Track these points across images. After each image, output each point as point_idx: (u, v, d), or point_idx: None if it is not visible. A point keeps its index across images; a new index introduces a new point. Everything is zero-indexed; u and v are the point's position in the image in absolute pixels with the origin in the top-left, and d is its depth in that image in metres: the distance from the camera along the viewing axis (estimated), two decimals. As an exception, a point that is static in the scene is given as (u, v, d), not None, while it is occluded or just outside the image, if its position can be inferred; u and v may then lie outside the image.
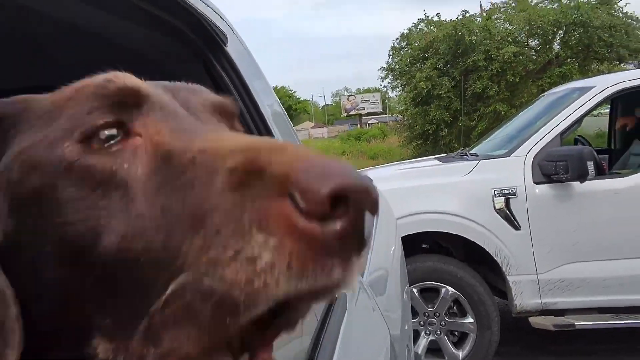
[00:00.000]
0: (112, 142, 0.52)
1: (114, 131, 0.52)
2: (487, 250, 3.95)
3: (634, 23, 17.01)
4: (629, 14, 17.16)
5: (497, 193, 3.97)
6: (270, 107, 1.56)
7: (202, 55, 1.31)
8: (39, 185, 0.51)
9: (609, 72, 13.10)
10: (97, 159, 0.51)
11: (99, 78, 0.56)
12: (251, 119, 1.36)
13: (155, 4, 1.09)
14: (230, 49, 1.36)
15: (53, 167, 0.51)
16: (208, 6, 1.31)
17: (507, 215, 3.94)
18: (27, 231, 0.52)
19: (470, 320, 4.01)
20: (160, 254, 0.46)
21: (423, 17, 18.55)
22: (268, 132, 1.40)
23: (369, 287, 1.97)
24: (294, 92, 72.95)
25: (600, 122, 7.78)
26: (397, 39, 19.20)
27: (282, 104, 1.85)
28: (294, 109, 68.09)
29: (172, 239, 0.46)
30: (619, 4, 17.46)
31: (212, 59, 1.31)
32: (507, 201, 3.95)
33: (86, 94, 0.54)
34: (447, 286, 4.02)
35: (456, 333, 4.12)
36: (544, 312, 3.98)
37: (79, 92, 0.55)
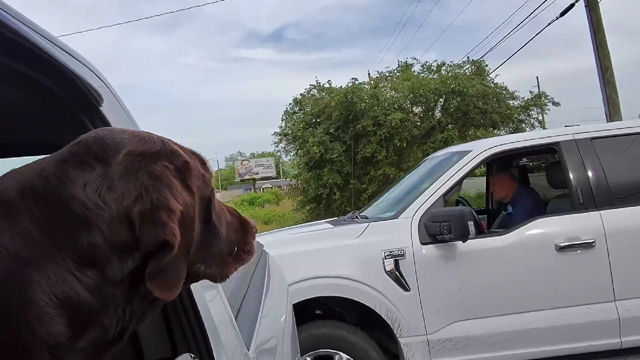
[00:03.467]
0: None
1: None
2: (379, 313, 3.96)
3: (504, 92, 18.72)
4: (499, 85, 18.91)
5: (387, 255, 4.02)
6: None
7: (75, 116, 1.20)
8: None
9: (484, 138, 14.14)
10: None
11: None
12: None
13: (21, 60, 1.00)
14: (106, 109, 1.25)
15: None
16: (81, 62, 1.20)
17: (397, 276, 3.99)
18: None
19: (364, 385, 3.95)
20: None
21: (315, 83, 19.20)
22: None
23: (257, 359, 1.87)
24: (186, 156, 71.26)
25: (480, 184, 8.31)
26: (290, 104, 19.64)
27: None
28: (186, 173, 66.22)
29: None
30: (490, 75, 19.22)
31: (85, 121, 1.20)
32: (396, 263, 4.01)
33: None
34: (341, 353, 3.94)
35: (350, 400, 4.03)
36: (435, 372, 4.01)
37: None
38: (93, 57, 1.25)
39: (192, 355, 1.23)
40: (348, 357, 3.94)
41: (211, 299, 1.54)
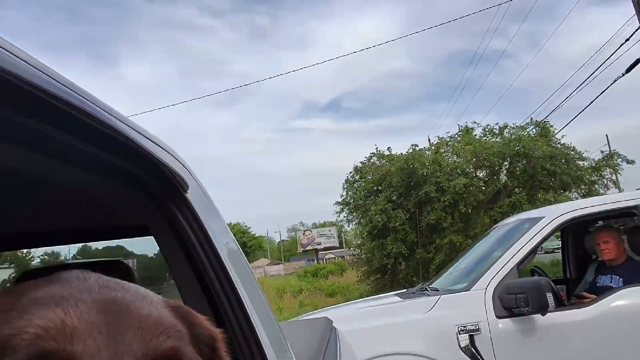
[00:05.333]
0: None
1: None
2: (456, 393, 3.75)
3: (572, 153, 18.12)
4: (566, 145, 18.35)
5: (461, 330, 3.85)
6: (226, 246, 1.51)
7: (163, 203, 1.26)
8: None
9: (555, 201, 13.64)
10: None
11: None
12: (207, 259, 1.30)
13: (113, 152, 1.03)
14: (190, 195, 1.31)
15: None
16: (169, 153, 1.27)
17: (473, 353, 3.80)
18: None
19: None
20: None
21: (375, 151, 19.29)
22: (224, 273, 1.33)
23: None
24: (249, 228, 72.44)
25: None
26: (350, 172, 19.71)
27: (237, 241, 1.80)
28: (249, 245, 67.15)
29: None
30: (556, 135, 18.74)
31: (172, 207, 1.26)
32: (471, 338, 3.83)
33: None
34: None
35: None
36: None
37: None
38: (159, 134, 1.29)
39: None
40: None
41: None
